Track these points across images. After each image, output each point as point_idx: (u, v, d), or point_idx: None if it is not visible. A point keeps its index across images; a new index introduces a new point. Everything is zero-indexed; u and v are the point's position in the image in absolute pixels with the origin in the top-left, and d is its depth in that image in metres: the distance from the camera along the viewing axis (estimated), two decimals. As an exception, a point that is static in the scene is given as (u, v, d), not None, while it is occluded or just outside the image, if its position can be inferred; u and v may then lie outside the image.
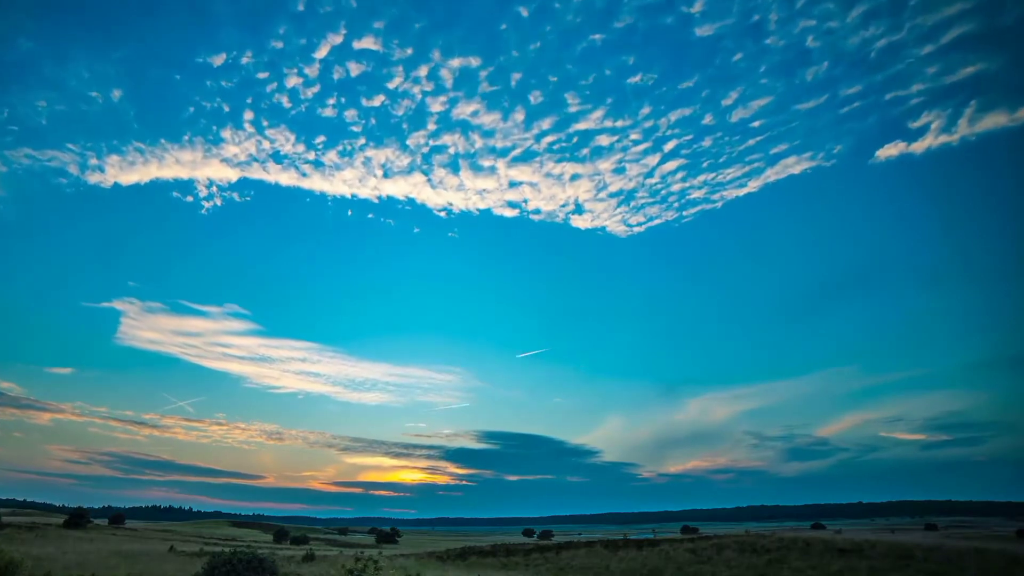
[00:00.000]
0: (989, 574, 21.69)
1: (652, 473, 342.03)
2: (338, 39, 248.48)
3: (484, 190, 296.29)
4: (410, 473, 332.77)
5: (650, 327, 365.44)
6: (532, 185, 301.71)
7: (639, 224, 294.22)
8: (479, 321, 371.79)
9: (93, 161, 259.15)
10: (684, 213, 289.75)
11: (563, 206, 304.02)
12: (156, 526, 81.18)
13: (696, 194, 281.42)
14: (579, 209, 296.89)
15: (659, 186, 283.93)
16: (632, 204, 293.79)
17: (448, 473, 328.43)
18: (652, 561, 28.18)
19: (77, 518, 51.31)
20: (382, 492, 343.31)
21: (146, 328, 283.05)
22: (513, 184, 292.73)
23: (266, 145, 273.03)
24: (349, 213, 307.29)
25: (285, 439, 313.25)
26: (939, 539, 37.92)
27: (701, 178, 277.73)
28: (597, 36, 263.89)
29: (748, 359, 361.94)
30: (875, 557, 25.25)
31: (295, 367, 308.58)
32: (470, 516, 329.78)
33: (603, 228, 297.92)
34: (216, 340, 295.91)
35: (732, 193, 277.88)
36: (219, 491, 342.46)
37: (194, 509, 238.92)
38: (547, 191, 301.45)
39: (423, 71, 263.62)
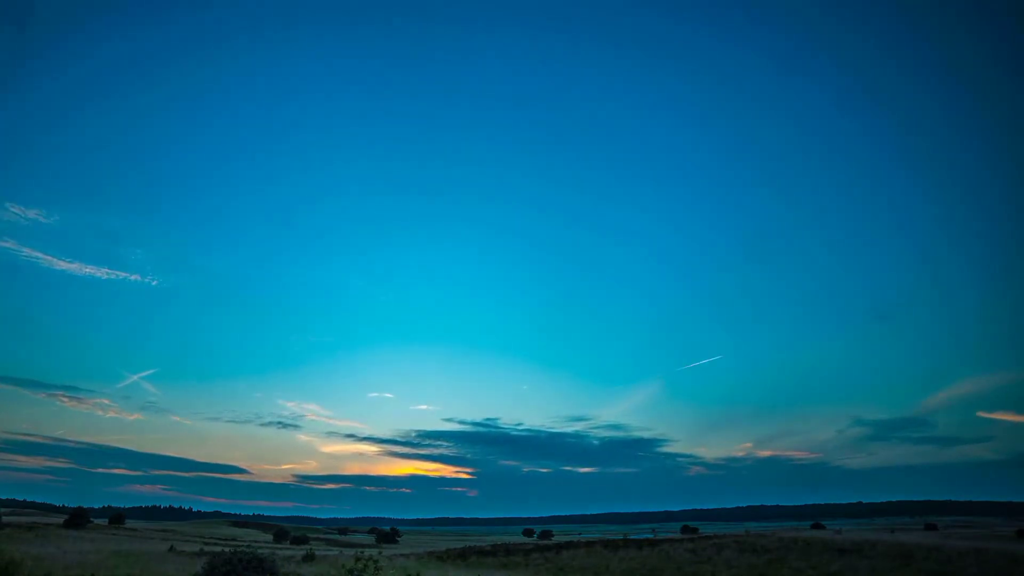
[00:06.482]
0: (989, 574, 21.69)
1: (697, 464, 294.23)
2: None
3: None
4: (400, 464, 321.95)
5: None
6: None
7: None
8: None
9: None
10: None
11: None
12: (156, 526, 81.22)
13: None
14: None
15: None
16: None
17: (447, 462, 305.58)
18: (652, 561, 28.18)
19: (77, 518, 51.35)
20: (375, 488, 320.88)
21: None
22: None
23: None
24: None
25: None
26: (939, 539, 37.91)
27: None
28: None
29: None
30: (875, 557, 25.26)
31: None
32: (471, 516, 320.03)
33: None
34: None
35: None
36: (196, 487, 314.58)
37: (194, 509, 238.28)
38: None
39: None
